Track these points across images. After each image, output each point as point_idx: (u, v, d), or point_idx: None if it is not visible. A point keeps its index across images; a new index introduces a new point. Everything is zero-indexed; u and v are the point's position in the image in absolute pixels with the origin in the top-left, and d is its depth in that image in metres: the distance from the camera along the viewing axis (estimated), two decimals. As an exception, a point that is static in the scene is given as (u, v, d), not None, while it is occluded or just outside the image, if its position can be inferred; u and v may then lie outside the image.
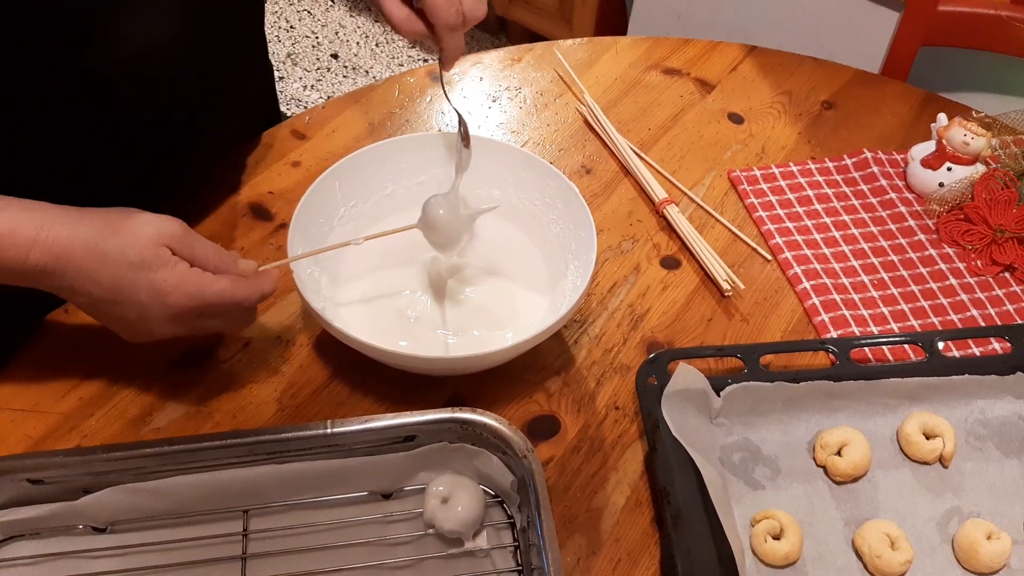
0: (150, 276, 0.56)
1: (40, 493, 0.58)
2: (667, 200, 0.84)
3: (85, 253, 0.56)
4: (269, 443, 0.58)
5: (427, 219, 0.68)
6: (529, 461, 0.57)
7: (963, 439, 0.67)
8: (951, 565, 0.61)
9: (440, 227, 0.68)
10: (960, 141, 0.85)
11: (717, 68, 1.02)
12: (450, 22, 0.64)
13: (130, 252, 0.56)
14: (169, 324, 0.58)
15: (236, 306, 0.60)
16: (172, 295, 0.57)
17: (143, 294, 0.56)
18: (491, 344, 0.67)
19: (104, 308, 0.58)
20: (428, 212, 0.68)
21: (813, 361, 0.73)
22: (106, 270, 0.56)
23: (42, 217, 0.56)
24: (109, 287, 0.56)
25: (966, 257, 0.82)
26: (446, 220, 0.68)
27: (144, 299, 0.56)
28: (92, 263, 0.56)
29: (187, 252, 0.59)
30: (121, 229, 0.57)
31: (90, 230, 0.56)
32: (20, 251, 0.55)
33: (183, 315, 0.58)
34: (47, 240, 0.55)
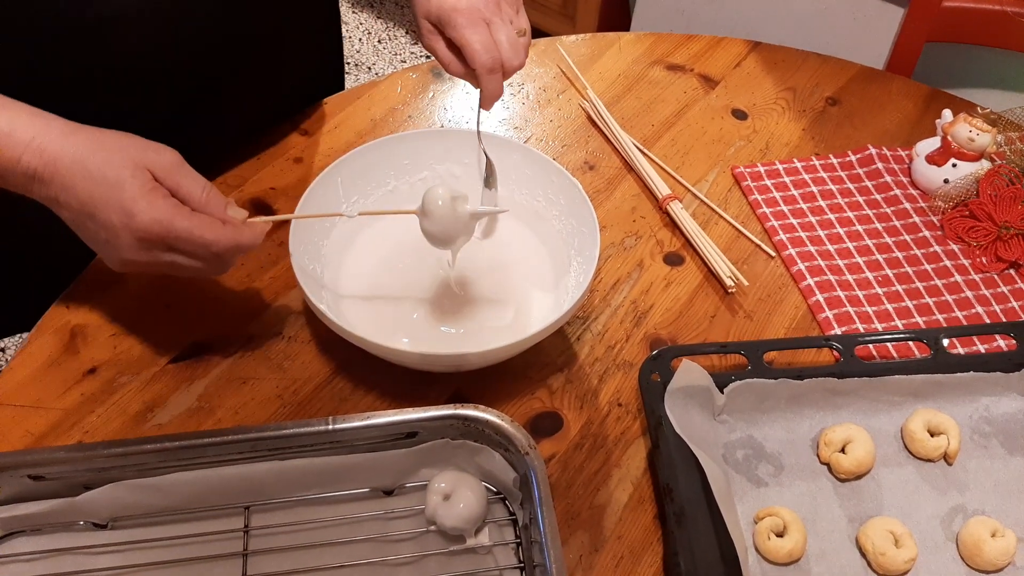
0: (122, 195, 0.56)
1: (41, 489, 0.58)
2: (670, 196, 0.83)
3: (70, 164, 0.56)
4: (271, 439, 0.58)
5: (425, 207, 0.65)
6: (531, 458, 0.57)
7: (968, 436, 0.67)
8: (955, 563, 0.60)
9: (437, 218, 0.65)
10: (965, 137, 0.84)
11: (721, 64, 1.01)
12: (487, 66, 0.66)
13: (109, 170, 0.56)
14: (135, 250, 0.57)
15: (205, 248, 0.58)
16: (139, 218, 0.56)
17: (114, 213, 0.56)
18: (493, 340, 0.67)
19: (82, 224, 0.58)
20: (427, 201, 0.65)
21: (817, 358, 0.72)
22: (84, 184, 0.56)
23: (42, 125, 0.57)
24: (85, 201, 0.56)
25: (971, 254, 0.82)
26: (444, 212, 0.64)
27: (115, 219, 0.56)
28: (74, 176, 0.56)
29: (171, 182, 0.58)
30: (109, 148, 0.57)
31: (80, 144, 0.57)
32: (14, 152, 0.56)
33: (149, 241, 0.57)
34: (40, 146, 0.56)
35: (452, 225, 0.65)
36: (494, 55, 0.66)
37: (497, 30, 0.66)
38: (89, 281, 0.73)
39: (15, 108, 0.57)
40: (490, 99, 0.69)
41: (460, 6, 0.65)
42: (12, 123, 0.56)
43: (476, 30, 0.65)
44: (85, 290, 0.73)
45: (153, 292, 0.73)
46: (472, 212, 0.66)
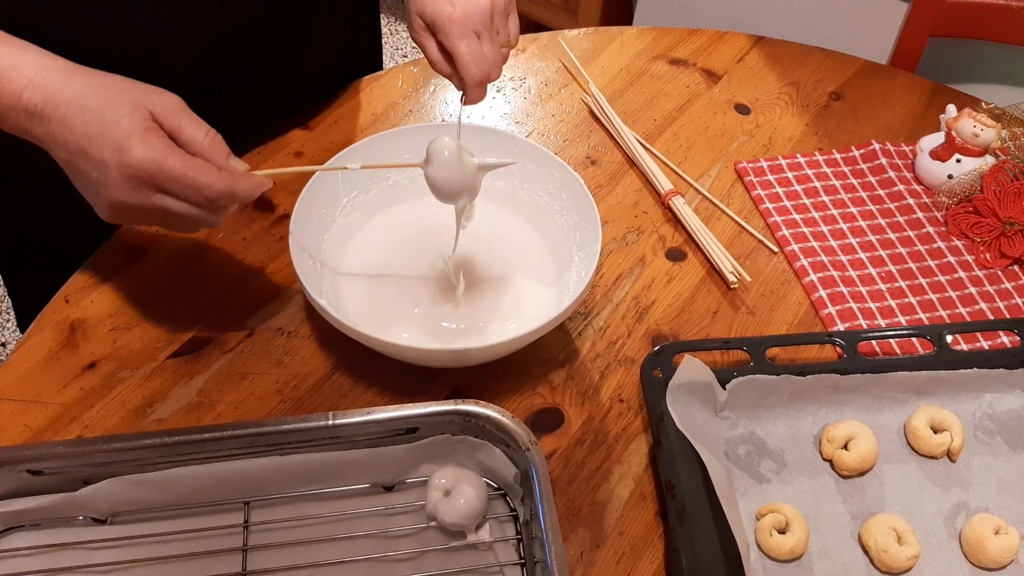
0: (117, 131, 0.55)
1: (40, 484, 0.57)
2: (673, 191, 0.83)
3: (70, 100, 0.56)
4: (270, 435, 0.57)
5: (430, 156, 0.63)
6: (532, 453, 0.57)
7: (971, 433, 0.66)
8: (958, 560, 0.60)
9: (441, 165, 0.63)
10: (970, 132, 0.84)
11: (724, 59, 1.01)
12: (476, 79, 0.68)
13: (108, 107, 0.56)
14: (125, 189, 0.56)
15: (197, 191, 0.57)
16: (132, 153, 0.55)
17: (107, 149, 0.55)
18: (494, 336, 0.67)
19: (75, 163, 0.57)
20: (433, 150, 0.63)
21: (820, 354, 0.72)
22: (82, 120, 0.56)
23: (47, 63, 0.57)
24: (80, 137, 0.56)
25: (975, 250, 0.81)
26: (449, 161, 0.63)
27: (107, 155, 0.55)
28: (72, 112, 0.56)
29: (171, 124, 0.57)
30: (111, 87, 0.57)
31: (83, 82, 0.57)
32: (16, 87, 0.56)
33: (140, 180, 0.56)
34: (42, 83, 0.56)
35: (458, 175, 0.64)
36: (483, 68, 0.67)
37: (486, 43, 0.68)
38: (88, 275, 0.73)
39: (21, 46, 0.57)
40: (473, 102, 0.71)
41: (455, 16, 0.66)
42: (17, 60, 0.56)
43: (468, 42, 0.67)
44: (84, 285, 0.73)
45: (153, 287, 0.73)
46: (480, 164, 0.65)
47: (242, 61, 0.78)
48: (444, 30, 0.67)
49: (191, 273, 0.74)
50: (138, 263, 0.75)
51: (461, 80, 0.68)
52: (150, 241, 0.76)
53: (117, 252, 0.75)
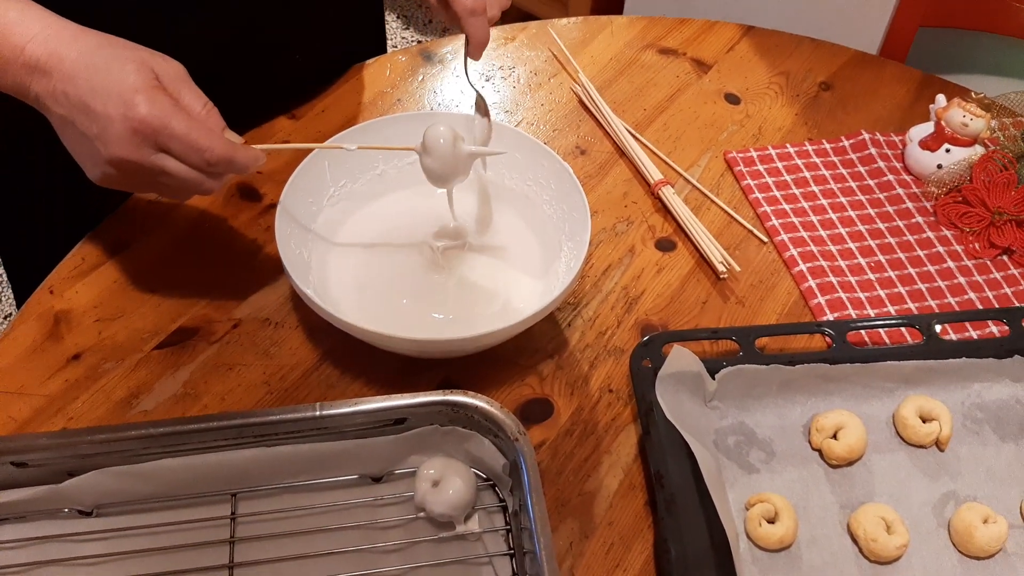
0: (124, 86, 0.55)
1: (25, 476, 0.57)
2: (662, 181, 0.83)
3: (76, 57, 0.56)
4: (258, 426, 0.57)
5: (426, 145, 0.66)
6: (521, 444, 0.56)
7: (960, 423, 0.66)
8: (947, 549, 0.60)
9: (438, 155, 0.66)
10: (959, 122, 0.84)
11: (714, 48, 1.00)
12: (469, 8, 0.68)
13: (114, 63, 0.56)
14: (126, 143, 0.56)
15: (198, 152, 0.57)
16: (138, 108, 0.55)
17: (112, 104, 0.55)
18: (483, 326, 0.66)
19: (75, 119, 0.57)
20: (429, 138, 0.66)
21: (809, 344, 0.72)
22: (87, 75, 0.56)
23: (54, 21, 0.57)
24: (84, 92, 0.56)
25: (964, 240, 0.81)
26: (445, 150, 0.66)
27: (111, 109, 0.55)
28: (77, 67, 0.56)
29: (172, 90, 0.58)
30: (117, 45, 0.57)
31: (90, 40, 0.57)
32: (20, 40, 0.56)
33: (143, 135, 0.56)
34: (47, 37, 0.56)
35: (452, 163, 0.67)
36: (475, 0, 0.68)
37: None
38: (73, 266, 0.72)
39: (30, 5, 0.58)
40: (477, 46, 0.71)
41: None
42: (22, 14, 0.57)
43: None
44: (69, 275, 0.72)
45: (138, 277, 0.72)
46: (469, 152, 0.68)
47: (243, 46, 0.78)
48: None
49: (177, 263, 0.73)
50: (123, 253, 0.74)
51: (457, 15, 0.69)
52: (135, 232, 0.75)
53: (102, 242, 0.74)
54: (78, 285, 0.71)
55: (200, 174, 0.59)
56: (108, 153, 0.57)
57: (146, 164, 0.57)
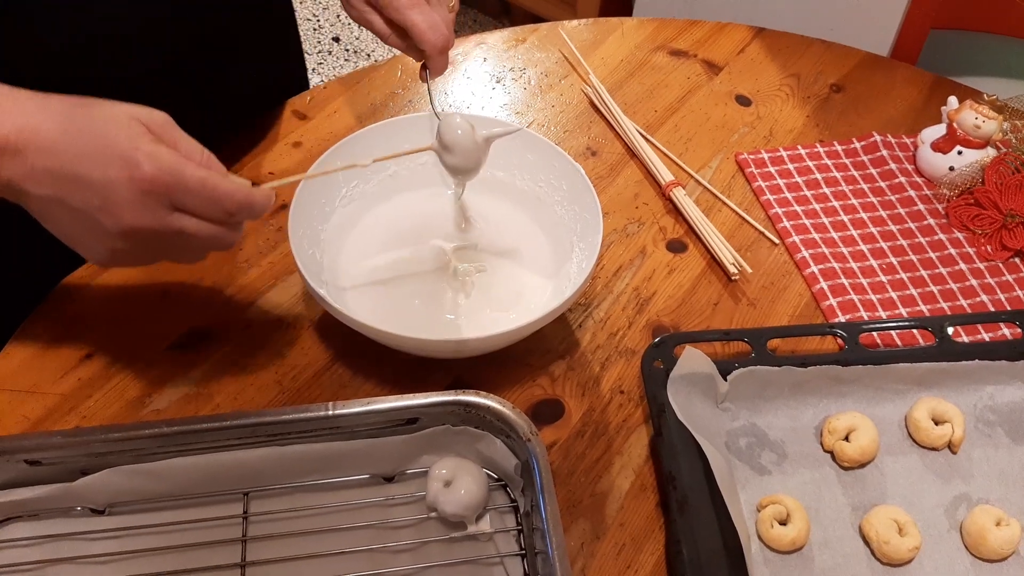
0: (122, 145, 0.49)
1: (38, 474, 0.57)
2: (674, 183, 0.83)
3: (51, 125, 0.50)
4: (270, 425, 0.57)
5: (443, 139, 0.64)
6: (533, 444, 0.56)
7: (972, 425, 0.66)
8: (959, 552, 0.60)
9: (461, 147, 0.64)
10: (971, 124, 0.84)
11: (724, 50, 1.00)
12: (438, 47, 0.67)
13: (101, 123, 0.50)
14: (137, 209, 0.50)
15: (218, 203, 0.52)
16: (144, 165, 0.49)
17: (111, 167, 0.49)
18: (494, 326, 0.66)
19: (65, 196, 0.50)
20: (445, 132, 0.64)
21: (821, 346, 0.72)
22: (71, 143, 0.49)
23: (10, 92, 0.50)
24: (73, 161, 0.49)
25: (976, 242, 0.81)
26: (466, 141, 0.64)
27: (112, 173, 0.49)
28: (55, 136, 0.49)
29: (168, 138, 0.52)
30: (94, 104, 0.51)
31: (60, 106, 0.51)
32: None
33: (155, 196, 0.50)
34: (11, 112, 0.49)
35: (474, 153, 0.65)
36: (441, 34, 0.67)
37: (436, 9, 0.67)
38: (87, 266, 0.73)
39: None
40: (437, 73, 0.71)
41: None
42: None
43: (420, 11, 0.66)
44: (83, 275, 0.72)
45: (151, 278, 0.72)
46: (486, 137, 0.66)
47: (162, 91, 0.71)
48: (392, 3, 0.66)
49: (190, 264, 0.74)
50: (136, 253, 0.74)
51: (420, 51, 0.68)
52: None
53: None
54: (92, 285, 0.71)
55: (220, 228, 0.54)
56: (118, 225, 0.51)
57: (162, 228, 0.51)
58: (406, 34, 0.69)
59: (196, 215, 0.52)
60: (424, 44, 0.67)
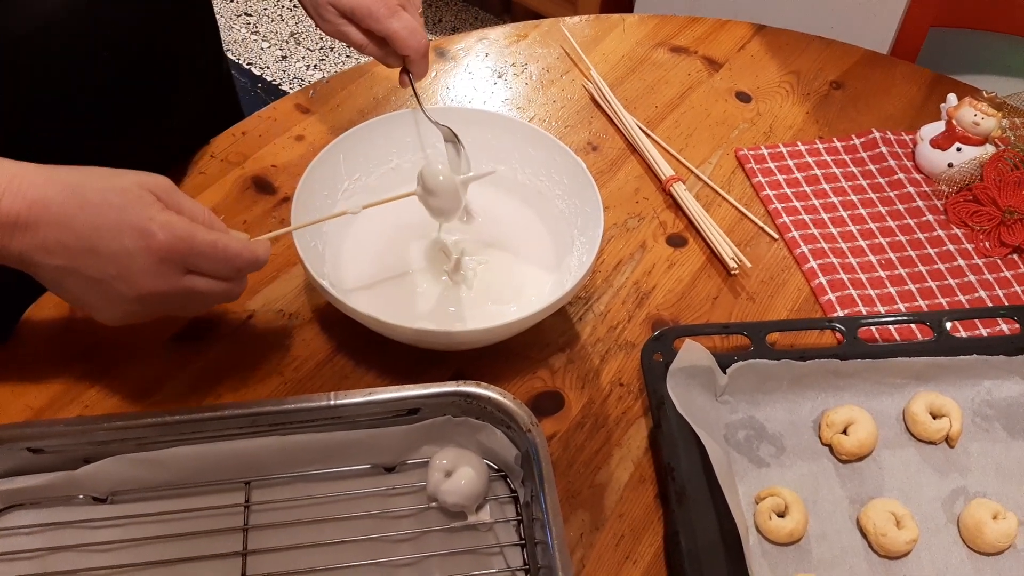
0: (135, 216, 0.51)
1: (40, 462, 0.57)
2: (674, 178, 0.83)
3: (63, 199, 0.51)
4: (271, 414, 0.58)
5: (426, 184, 0.66)
6: (533, 435, 0.57)
7: (970, 419, 0.66)
8: (956, 545, 0.60)
9: (440, 192, 0.66)
10: (970, 121, 0.84)
11: (725, 47, 1.01)
12: (420, 51, 0.71)
13: (112, 194, 0.52)
14: (153, 276, 0.53)
15: (228, 263, 0.55)
16: (159, 235, 0.52)
17: (127, 237, 0.51)
18: (495, 319, 0.66)
19: (80, 266, 0.52)
20: (427, 178, 0.66)
21: (820, 340, 0.72)
22: (85, 214, 0.51)
23: (17, 167, 0.51)
24: (88, 233, 0.51)
25: (974, 238, 0.82)
26: (446, 186, 0.66)
27: (128, 243, 0.51)
28: (70, 208, 0.51)
29: (174, 204, 0.54)
30: (102, 176, 0.53)
31: (68, 178, 0.52)
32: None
33: (170, 263, 0.53)
34: (20, 187, 0.50)
35: (454, 196, 0.67)
36: (420, 39, 0.70)
37: (412, 14, 0.70)
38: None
39: None
40: (420, 77, 0.74)
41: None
42: None
43: (398, 19, 0.69)
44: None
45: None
46: (463, 179, 0.68)
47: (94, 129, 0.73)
48: (373, 15, 0.68)
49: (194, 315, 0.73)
50: (138, 244, 0.74)
51: (399, 57, 0.71)
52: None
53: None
54: (93, 275, 0.72)
55: (229, 283, 0.57)
56: (134, 291, 0.53)
57: (176, 291, 0.54)
58: (383, 43, 0.71)
59: (208, 275, 0.55)
60: (407, 50, 0.70)
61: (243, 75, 2.16)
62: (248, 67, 2.19)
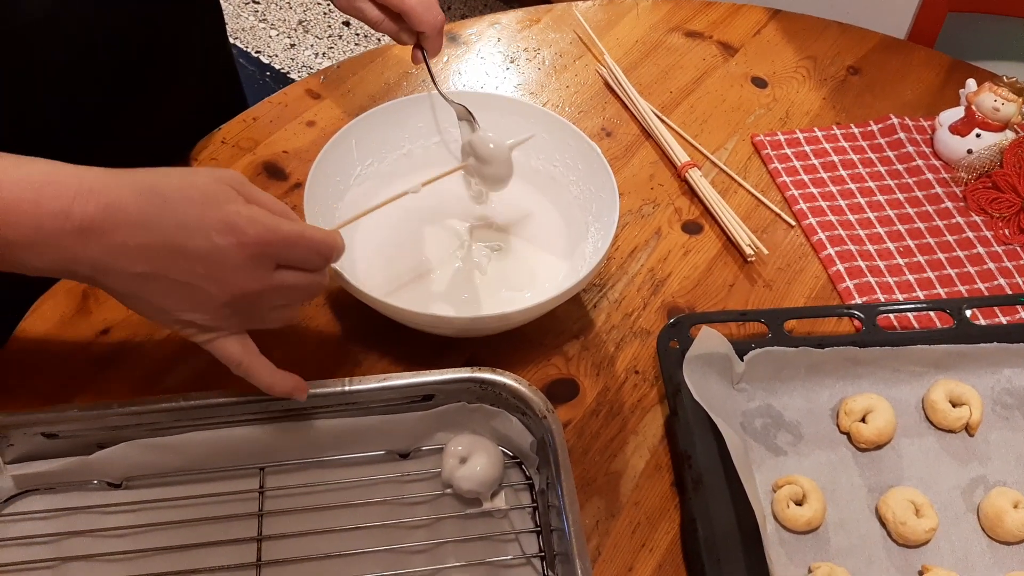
0: (221, 212, 0.48)
1: (55, 447, 0.57)
2: (689, 164, 0.82)
3: (138, 197, 0.47)
4: (286, 400, 0.57)
5: (479, 154, 0.67)
6: (549, 421, 0.56)
7: (989, 408, 0.66)
8: (976, 533, 0.60)
9: (493, 159, 0.67)
10: (990, 107, 0.83)
11: (740, 31, 1.00)
12: (436, 26, 0.70)
13: (193, 191, 0.49)
14: (246, 272, 0.49)
15: (316, 251, 0.52)
16: (250, 229, 0.48)
17: (216, 234, 0.48)
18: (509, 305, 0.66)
19: (165, 269, 0.48)
20: (479, 147, 0.67)
21: (838, 328, 0.71)
22: (168, 213, 0.47)
23: (79, 170, 0.47)
24: (173, 232, 0.47)
25: (994, 225, 0.81)
26: (499, 152, 0.67)
27: (218, 240, 0.48)
28: (150, 209, 0.47)
29: (251, 197, 0.51)
30: (176, 174, 0.50)
31: (140, 175, 0.48)
32: (63, 203, 0.45)
33: (262, 257, 0.50)
34: (92, 188, 0.46)
35: (507, 162, 0.68)
36: (436, 14, 0.69)
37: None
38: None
39: (37, 160, 0.47)
40: (435, 54, 0.73)
41: None
42: (48, 171, 0.46)
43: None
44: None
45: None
46: (511, 144, 0.68)
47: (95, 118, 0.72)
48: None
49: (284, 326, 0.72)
50: (150, 230, 0.74)
51: (413, 34, 0.71)
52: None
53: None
54: (106, 261, 0.71)
55: (315, 276, 0.54)
56: (227, 291, 0.50)
57: (269, 288, 0.51)
58: (398, 18, 0.71)
59: (297, 268, 0.53)
60: (423, 25, 0.70)
61: (251, 63, 2.16)
62: (256, 55, 2.18)
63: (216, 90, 0.90)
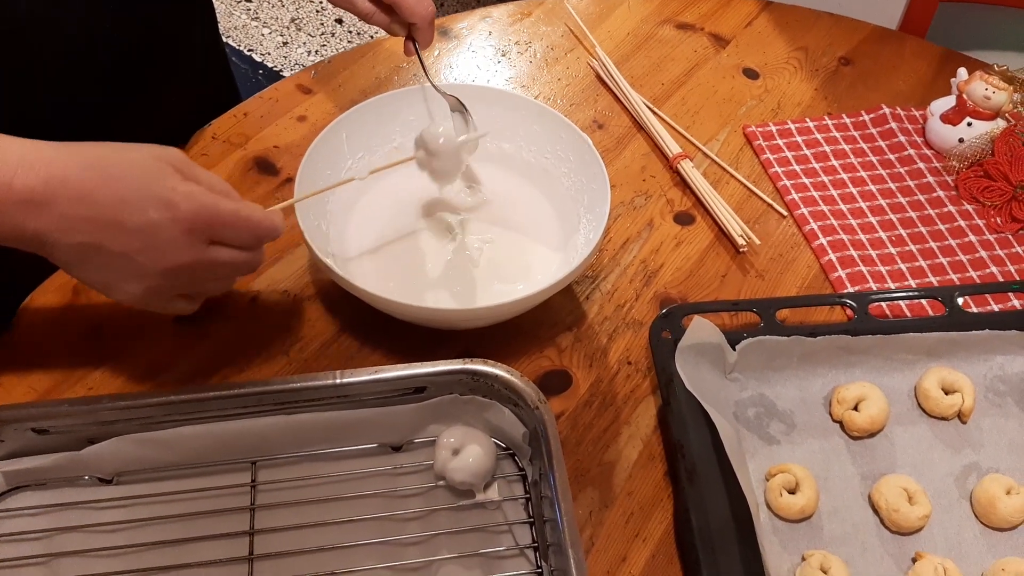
0: (158, 188, 0.50)
1: (45, 443, 0.57)
2: (681, 155, 0.82)
3: (80, 171, 0.49)
4: (277, 393, 0.57)
5: (427, 147, 0.67)
6: (541, 412, 0.56)
7: (982, 395, 0.66)
8: (969, 520, 0.60)
9: (441, 153, 0.67)
10: (981, 95, 0.83)
11: (732, 23, 1.00)
12: (428, 18, 0.71)
13: (132, 167, 0.51)
14: (180, 247, 0.52)
15: (250, 231, 0.55)
16: (183, 206, 0.51)
17: (153, 209, 0.50)
18: (502, 297, 0.66)
19: (104, 241, 0.51)
20: (428, 140, 0.67)
21: (830, 316, 0.71)
22: (108, 187, 0.50)
23: (30, 144, 0.49)
24: (112, 206, 0.50)
25: (985, 214, 0.81)
26: (447, 147, 0.67)
27: (154, 215, 0.50)
28: (91, 183, 0.49)
29: (191, 175, 0.54)
30: (118, 149, 0.52)
31: (83, 152, 0.51)
32: (5, 175, 0.47)
33: (196, 232, 0.52)
34: (35, 161, 0.48)
35: (454, 157, 0.68)
36: (427, 6, 0.70)
37: None
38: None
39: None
40: (425, 45, 0.74)
41: None
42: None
43: None
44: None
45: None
46: (462, 140, 0.69)
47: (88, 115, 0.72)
48: None
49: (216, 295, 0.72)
50: (141, 226, 0.74)
51: (405, 25, 0.71)
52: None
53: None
54: (96, 257, 0.71)
55: (250, 253, 0.56)
56: (161, 264, 0.52)
57: (201, 262, 0.54)
58: (389, 10, 0.71)
59: (230, 245, 0.55)
60: (414, 16, 0.70)
61: (244, 61, 2.15)
62: (249, 53, 2.18)
63: (216, 89, 0.90)
